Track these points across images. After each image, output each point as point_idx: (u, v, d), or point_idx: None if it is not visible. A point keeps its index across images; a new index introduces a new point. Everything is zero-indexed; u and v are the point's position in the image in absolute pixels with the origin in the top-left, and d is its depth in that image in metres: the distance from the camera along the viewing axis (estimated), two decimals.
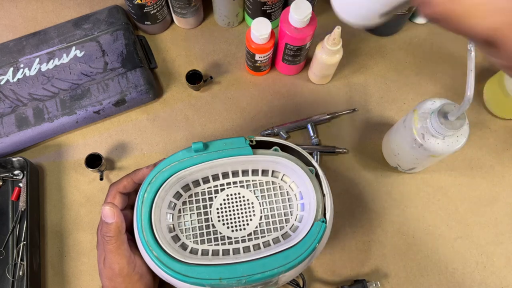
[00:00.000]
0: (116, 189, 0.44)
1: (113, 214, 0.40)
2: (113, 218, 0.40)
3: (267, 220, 0.45)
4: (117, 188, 0.44)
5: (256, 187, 0.46)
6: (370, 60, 0.64)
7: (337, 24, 0.49)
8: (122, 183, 0.45)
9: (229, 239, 0.44)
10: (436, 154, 0.46)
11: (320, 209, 0.41)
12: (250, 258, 0.39)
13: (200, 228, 0.44)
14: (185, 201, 0.45)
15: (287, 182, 0.46)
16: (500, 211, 0.56)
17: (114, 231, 0.40)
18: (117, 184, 0.45)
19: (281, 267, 0.39)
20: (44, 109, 0.57)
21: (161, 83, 0.63)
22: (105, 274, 0.41)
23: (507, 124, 0.60)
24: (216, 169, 0.45)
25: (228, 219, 0.45)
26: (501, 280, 0.53)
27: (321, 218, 0.41)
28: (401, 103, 0.61)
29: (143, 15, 0.60)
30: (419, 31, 0.65)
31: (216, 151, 0.43)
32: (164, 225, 0.43)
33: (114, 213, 0.40)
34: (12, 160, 0.55)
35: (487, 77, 0.61)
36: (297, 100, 0.61)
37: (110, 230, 0.40)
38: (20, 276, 0.52)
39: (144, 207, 0.41)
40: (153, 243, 0.40)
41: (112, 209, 0.40)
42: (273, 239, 0.44)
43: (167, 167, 0.43)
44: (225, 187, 0.46)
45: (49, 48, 0.60)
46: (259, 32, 0.52)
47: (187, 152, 0.43)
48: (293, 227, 0.44)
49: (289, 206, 0.45)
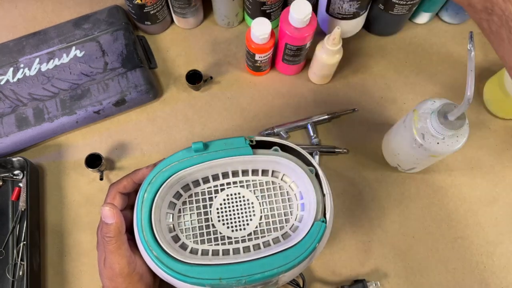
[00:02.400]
0: (116, 190, 0.44)
1: (113, 214, 0.40)
2: (113, 219, 0.40)
3: (267, 220, 0.45)
4: (117, 189, 0.44)
5: (256, 187, 0.46)
6: (370, 60, 0.64)
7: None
8: (122, 183, 0.45)
9: (229, 239, 0.44)
10: (436, 154, 0.46)
11: (320, 209, 0.41)
12: (250, 258, 0.39)
13: (200, 228, 0.44)
14: (185, 201, 0.45)
15: (287, 182, 0.46)
16: (500, 211, 0.56)
17: (114, 232, 0.40)
18: (116, 184, 0.45)
19: (281, 267, 0.39)
20: (44, 109, 0.57)
21: (161, 83, 0.63)
22: (105, 274, 0.41)
23: (507, 124, 0.60)
24: (216, 169, 0.45)
25: (228, 219, 0.45)
26: (501, 280, 0.53)
27: (321, 218, 0.41)
28: (401, 103, 0.61)
29: (143, 15, 0.60)
30: (419, 31, 0.65)
31: (216, 151, 0.43)
32: (164, 225, 0.43)
33: (114, 213, 0.40)
34: (12, 160, 0.55)
35: (487, 77, 0.61)
36: (297, 100, 0.61)
37: (110, 230, 0.40)
38: (20, 276, 0.52)
39: (144, 207, 0.41)
40: (153, 243, 0.40)
41: (112, 209, 0.40)
42: (273, 239, 0.44)
43: (167, 167, 0.43)
44: (225, 187, 0.46)
45: (49, 48, 0.60)
46: (259, 32, 0.52)
47: (187, 152, 0.43)
48: (293, 227, 0.44)
49: (289, 206, 0.45)
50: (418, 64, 0.63)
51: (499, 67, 0.60)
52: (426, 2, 0.60)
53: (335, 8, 0.57)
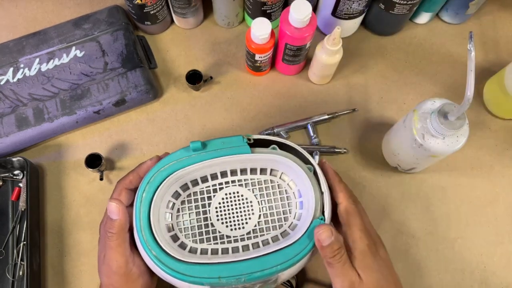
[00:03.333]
0: (122, 185, 0.44)
1: (119, 211, 0.40)
2: (118, 215, 0.40)
3: (266, 219, 0.45)
4: (124, 184, 0.44)
5: (255, 186, 0.46)
6: (370, 60, 0.64)
7: None
8: (128, 179, 0.44)
9: (228, 238, 0.44)
10: (436, 154, 0.46)
11: (318, 207, 0.42)
12: (249, 257, 0.39)
13: (199, 227, 0.45)
14: (183, 200, 0.45)
15: (286, 180, 0.46)
16: (500, 211, 0.56)
17: (118, 228, 0.40)
18: (123, 180, 0.44)
19: (280, 265, 0.39)
20: (44, 109, 0.57)
21: (161, 83, 0.63)
22: (103, 271, 0.41)
23: (507, 124, 0.60)
24: (215, 168, 0.45)
25: (227, 218, 0.45)
26: (501, 280, 0.53)
27: (319, 216, 0.41)
28: (401, 103, 0.61)
29: (143, 15, 0.60)
30: (419, 31, 0.65)
31: (214, 150, 0.43)
32: (163, 225, 0.43)
33: (120, 210, 0.40)
34: (12, 160, 0.55)
35: (487, 77, 0.61)
36: (297, 100, 0.61)
37: (113, 226, 0.40)
38: (20, 276, 0.52)
39: (142, 207, 0.41)
40: (152, 242, 0.40)
41: (118, 205, 0.40)
42: (272, 238, 0.44)
43: (165, 166, 0.43)
44: (223, 186, 0.46)
45: (49, 48, 0.60)
46: (259, 32, 0.52)
47: (185, 151, 0.43)
48: (292, 225, 0.44)
49: (287, 204, 0.45)
50: (418, 64, 0.63)
51: (499, 67, 0.60)
52: (426, 2, 0.60)
53: (343, 9, 0.57)
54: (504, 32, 0.65)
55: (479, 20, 0.66)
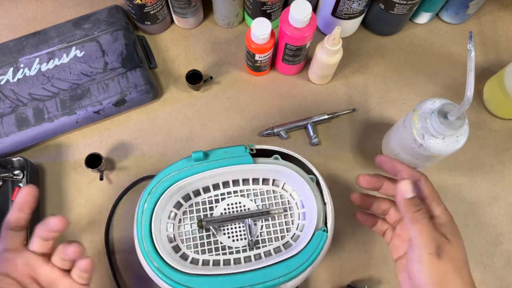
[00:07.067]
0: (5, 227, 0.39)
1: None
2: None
3: (268, 230, 0.45)
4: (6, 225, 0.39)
5: (257, 196, 0.46)
6: (370, 60, 0.64)
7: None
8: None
9: (230, 249, 0.44)
10: (436, 154, 0.46)
11: (321, 218, 0.41)
12: (251, 268, 0.39)
13: (200, 238, 0.44)
14: (185, 210, 0.45)
15: (288, 191, 0.45)
16: (500, 211, 0.56)
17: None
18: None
19: (283, 277, 0.38)
20: (44, 109, 0.57)
21: (161, 83, 0.63)
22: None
23: (507, 124, 0.60)
24: (217, 178, 0.44)
25: (229, 228, 0.45)
26: (501, 280, 0.53)
27: (322, 227, 0.41)
28: (401, 103, 0.61)
29: (143, 15, 0.60)
30: (419, 31, 0.65)
31: (216, 160, 0.43)
32: (164, 235, 0.42)
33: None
34: (12, 160, 0.55)
35: (487, 77, 0.61)
36: (297, 100, 0.61)
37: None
38: None
39: (144, 218, 0.41)
40: (153, 253, 0.39)
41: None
42: (274, 249, 0.43)
43: (167, 177, 0.42)
44: (225, 196, 0.45)
45: (49, 48, 0.60)
46: (259, 32, 0.52)
47: (187, 162, 0.43)
48: (294, 236, 0.44)
49: (290, 215, 0.45)
50: (418, 64, 0.63)
51: (499, 67, 0.60)
52: (426, 2, 0.60)
53: (343, 9, 0.57)
54: (504, 32, 0.65)
55: (479, 20, 0.66)
